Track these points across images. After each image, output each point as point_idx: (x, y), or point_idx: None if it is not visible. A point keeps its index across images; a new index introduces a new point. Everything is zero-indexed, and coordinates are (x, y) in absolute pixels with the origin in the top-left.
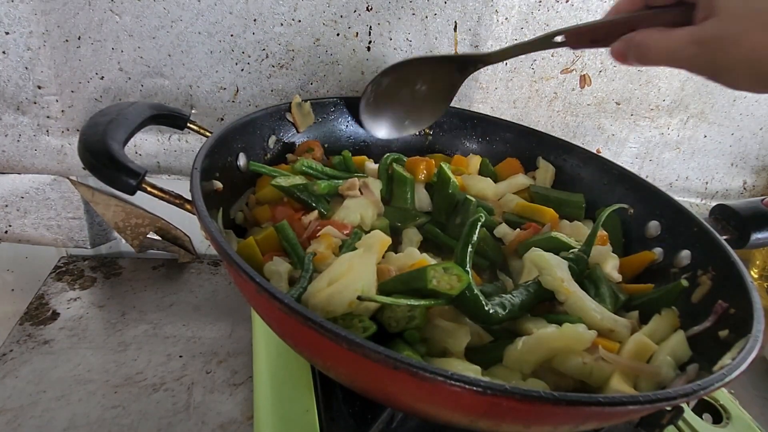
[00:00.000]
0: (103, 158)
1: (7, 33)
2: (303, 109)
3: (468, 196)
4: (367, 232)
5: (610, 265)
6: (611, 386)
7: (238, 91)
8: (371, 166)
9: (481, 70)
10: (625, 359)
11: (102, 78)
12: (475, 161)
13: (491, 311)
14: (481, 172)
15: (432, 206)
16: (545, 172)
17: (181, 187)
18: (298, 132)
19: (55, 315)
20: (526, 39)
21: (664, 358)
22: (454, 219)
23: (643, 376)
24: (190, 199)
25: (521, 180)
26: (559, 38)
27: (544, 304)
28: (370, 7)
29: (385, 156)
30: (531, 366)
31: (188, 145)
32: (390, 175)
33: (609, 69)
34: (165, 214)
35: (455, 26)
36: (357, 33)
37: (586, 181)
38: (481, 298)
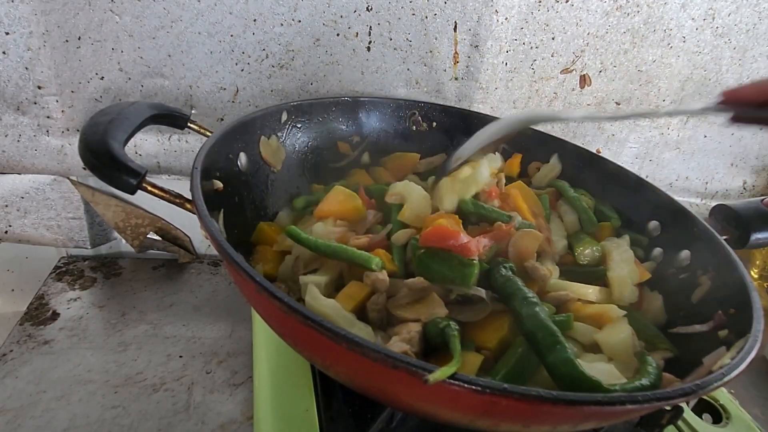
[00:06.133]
0: (104, 157)
1: (7, 33)
2: (271, 146)
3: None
4: None
5: None
6: None
7: (238, 91)
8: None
9: (481, 70)
10: None
11: (102, 78)
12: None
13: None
14: None
15: None
16: (550, 170)
17: (181, 187)
18: (275, 172)
19: (55, 315)
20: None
21: None
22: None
23: None
24: (190, 198)
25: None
26: None
27: None
28: (370, 7)
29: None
30: None
31: (188, 145)
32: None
33: (609, 69)
34: (165, 215)
35: (455, 26)
36: (357, 33)
37: (586, 182)
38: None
